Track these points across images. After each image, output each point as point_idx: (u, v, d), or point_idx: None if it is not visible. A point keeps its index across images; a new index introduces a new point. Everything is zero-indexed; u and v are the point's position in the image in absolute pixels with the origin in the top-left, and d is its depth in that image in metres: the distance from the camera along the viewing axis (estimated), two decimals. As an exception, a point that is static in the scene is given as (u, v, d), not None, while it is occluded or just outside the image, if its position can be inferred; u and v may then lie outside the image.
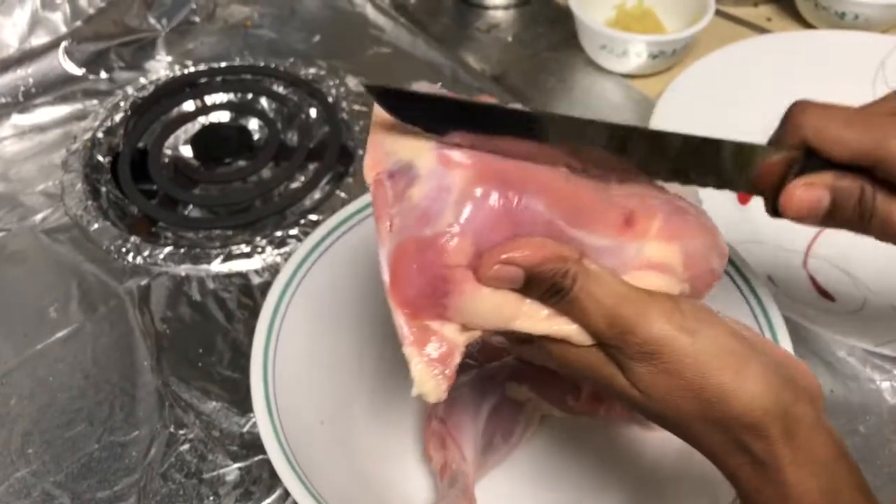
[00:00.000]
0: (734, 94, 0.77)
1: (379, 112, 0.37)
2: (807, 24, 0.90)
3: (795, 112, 0.38)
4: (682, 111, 0.74)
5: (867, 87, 0.78)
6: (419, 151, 0.36)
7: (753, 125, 0.75)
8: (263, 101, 0.84)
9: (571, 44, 0.87)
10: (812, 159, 0.37)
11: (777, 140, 0.39)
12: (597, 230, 0.36)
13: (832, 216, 0.37)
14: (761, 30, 0.90)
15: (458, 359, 0.36)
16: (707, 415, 0.33)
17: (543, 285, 0.34)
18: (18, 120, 0.81)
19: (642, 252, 0.37)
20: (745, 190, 0.39)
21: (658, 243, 0.38)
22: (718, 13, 0.86)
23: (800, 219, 0.38)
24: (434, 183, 0.35)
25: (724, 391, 0.33)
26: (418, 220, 0.35)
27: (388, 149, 0.37)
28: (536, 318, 0.36)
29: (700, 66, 0.78)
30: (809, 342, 0.58)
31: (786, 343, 0.47)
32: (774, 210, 0.38)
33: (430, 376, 0.35)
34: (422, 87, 0.38)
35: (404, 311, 0.35)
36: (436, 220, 0.34)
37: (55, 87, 0.84)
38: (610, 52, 0.82)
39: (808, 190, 0.37)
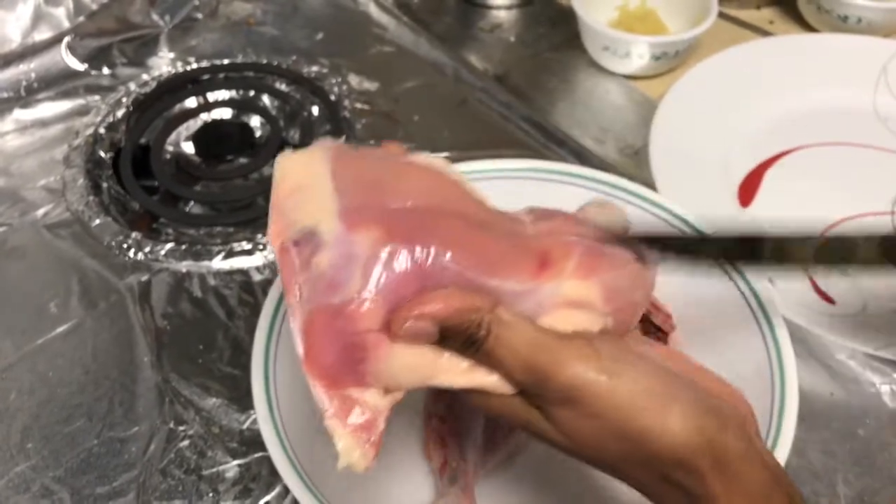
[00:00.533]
0: (736, 96, 0.77)
1: (280, 176, 0.37)
2: (809, 28, 0.90)
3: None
4: (684, 113, 0.74)
5: (869, 91, 0.78)
6: (322, 216, 0.35)
7: (755, 127, 0.76)
8: (265, 99, 0.84)
9: (574, 44, 0.87)
10: None
11: None
12: (510, 276, 0.36)
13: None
14: (764, 32, 0.90)
15: (382, 425, 0.35)
16: (633, 456, 0.33)
17: (458, 338, 0.34)
18: (20, 115, 0.81)
19: (559, 291, 0.37)
20: None
21: (575, 281, 0.37)
22: (721, 15, 0.86)
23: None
24: (340, 249, 0.34)
25: (646, 432, 0.32)
26: (326, 289, 0.34)
27: (290, 217, 0.36)
28: (455, 373, 0.35)
29: (702, 68, 0.78)
30: (810, 345, 0.58)
31: (786, 346, 0.47)
32: None
33: (356, 446, 0.34)
34: (325, 142, 0.39)
35: (322, 382, 0.34)
36: (344, 287, 0.34)
37: (57, 83, 0.84)
38: (612, 53, 0.82)
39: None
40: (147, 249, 0.67)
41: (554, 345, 0.33)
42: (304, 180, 0.36)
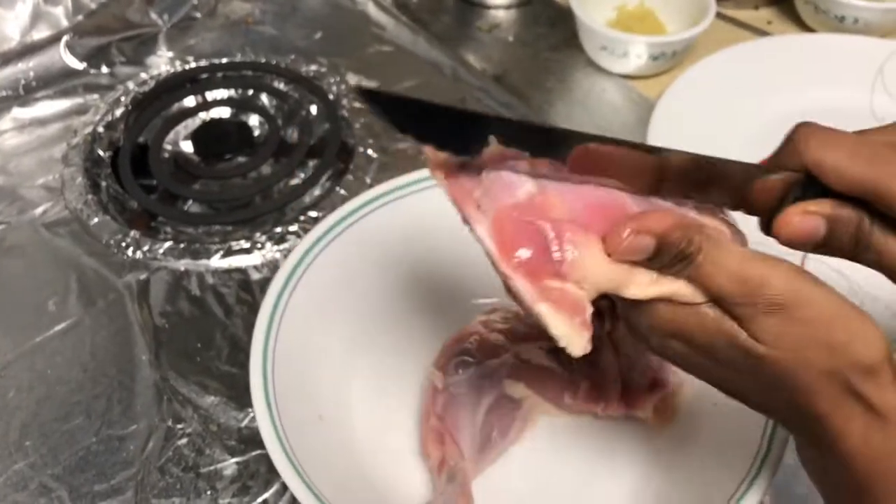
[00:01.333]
0: (734, 96, 0.77)
1: None
2: (806, 28, 0.90)
3: (798, 136, 0.38)
4: (681, 113, 0.74)
5: (866, 91, 0.78)
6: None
7: (753, 127, 0.76)
8: (264, 98, 0.84)
9: (572, 44, 0.88)
10: (812, 184, 0.37)
11: (777, 160, 0.39)
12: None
13: (825, 244, 0.38)
14: (761, 32, 0.90)
15: (589, 309, 0.35)
16: (832, 363, 0.34)
17: (670, 252, 0.35)
18: (19, 113, 0.81)
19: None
20: (739, 208, 0.39)
21: None
22: (719, 15, 0.86)
23: (793, 245, 0.38)
24: (503, 163, 0.36)
25: (851, 335, 0.34)
26: (505, 191, 0.35)
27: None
28: (645, 284, 0.36)
29: (700, 68, 0.78)
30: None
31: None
32: (767, 229, 0.39)
33: (569, 326, 0.35)
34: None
35: (523, 274, 0.35)
36: (522, 186, 0.35)
37: (56, 81, 0.84)
38: (610, 53, 0.82)
39: (806, 218, 0.37)
40: (145, 248, 0.67)
41: (765, 258, 0.35)
42: None
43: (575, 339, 0.35)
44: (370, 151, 0.76)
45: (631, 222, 0.35)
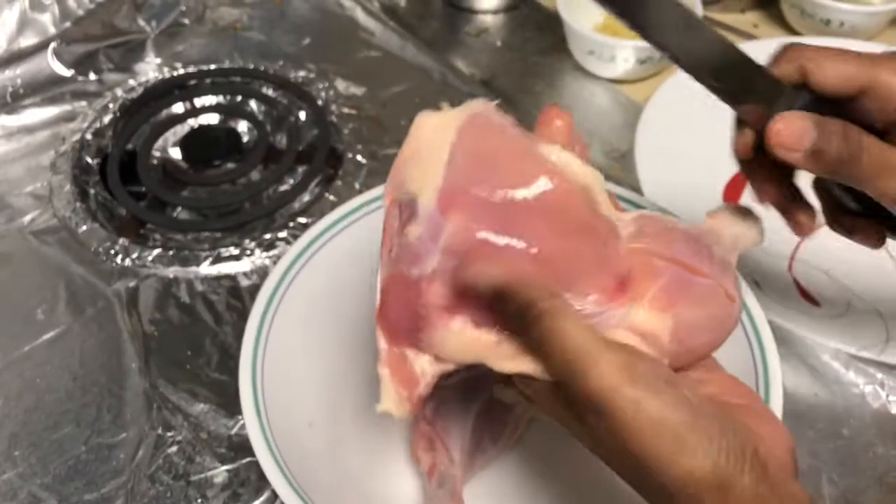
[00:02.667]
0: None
1: (411, 134, 0.39)
2: (793, 31, 0.91)
3: (791, 48, 0.40)
4: (669, 116, 0.74)
5: (852, 94, 0.79)
6: (425, 188, 0.37)
7: (740, 131, 0.76)
8: (253, 104, 0.84)
9: (560, 49, 0.88)
10: (799, 97, 0.39)
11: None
12: (585, 292, 0.36)
13: (818, 154, 0.38)
14: (748, 36, 0.91)
15: (423, 389, 0.38)
16: (646, 481, 0.33)
17: (512, 305, 0.34)
18: (6, 121, 0.81)
19: (628, 317, 0.37)
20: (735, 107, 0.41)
21: (648, 312, 0.37)
22: (705, 19, 0.86)
23: (785, 150, 0.38)
24: (428, 226, 0.36)
25: (658, 461, 0.31)
26: (409, 260, 0.37)
27: (403, 177, 0.38)
28: (503, 358, 0.36)
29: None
30: (794, 346, 0.59)
31: (771, 347, 0.48)
32: (760, 147, 0.40)
33: (396, 396, 0.37)
34: (474, 104, 0.39)
35: (386, 334, 0.38)
36: (423, 263, 0.36)
37: (43, 89, 0.83)
38: (598, 58, 0.82)
39: (794, 121, 0.38)
40: (134, 255, 0.67)
41: (597, 348, 0.33)
42: (426, 145, 0.38)
43: (392, 408, 0.38)
44: (359, 157, 0.76)
45: (489, 256, 0.35)
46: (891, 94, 0.38)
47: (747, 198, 0.71)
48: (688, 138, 0.73)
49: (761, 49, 0.81)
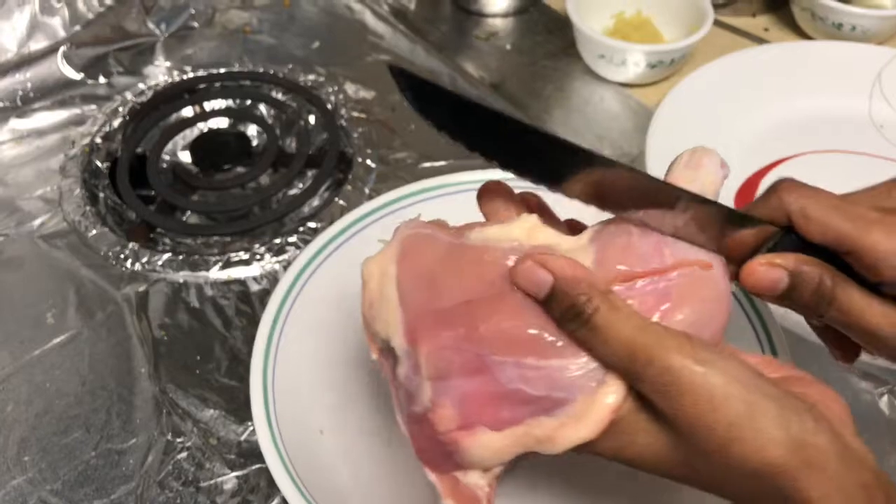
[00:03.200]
0: (732, 104, 0.77)
1: (363, 285, 0.40)
2: (804, 35, 0.90)
3: (783, 188, 0.39)
4: (679, 121, 0.74)
5: (864, 98, 0.79)
6: (392, 331, 0.38)
7: (751, 135, 0.76)
8: (262, 108, 0.84)
9: (570, 52, 0.88)
10: (786, 238, 0.39)
11: (755, 208, 0.40)
12: (571, 355, 0.36)
13: (788, 297, 0.38)
14: (759, 40, 0.90)
15: (486, 498, 0.38)
16: (725, 457, 0.33)
17: (565, 303, 0.35)
18: (16, 124, 0.81)
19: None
20: (714, 249, 0.39)
21: None
22: (716, 23, 0.86)
23: (756, 294, 0.39)
24: (408, 363, 0.38)
25: (734, 429, 0.32)
26: (408, 398, 0.38)
27: (373, 328, 0.40)
28: (543, 441, 0.36)
29: (698, 76, 0.78)
30: (806, 354, 0.58)
31: (784, 355, 0.47)
32: (736, 276, 0.40)
33: None
34: (403, 229, 0.41)
35: (431, 468, 0.39)
36: (418, 398, 0.38)
37: (53, 92, 0.84)
38: (608, 62, 0.82)
39: (770, 269, 0.38)
40: (144, 260, 0.67)
41: (657, 331, 0.34)
42: (377, 292, 0.40)
43: None
44: (369, 161, 0.76)
45: (539, 255, 0.36)
46: (879, 261, 0.37)
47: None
48: (699, 143, 0.72)
49: (772, 53, 0.82)
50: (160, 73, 0.87)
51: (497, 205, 0.41)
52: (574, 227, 0.42)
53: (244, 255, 0.67)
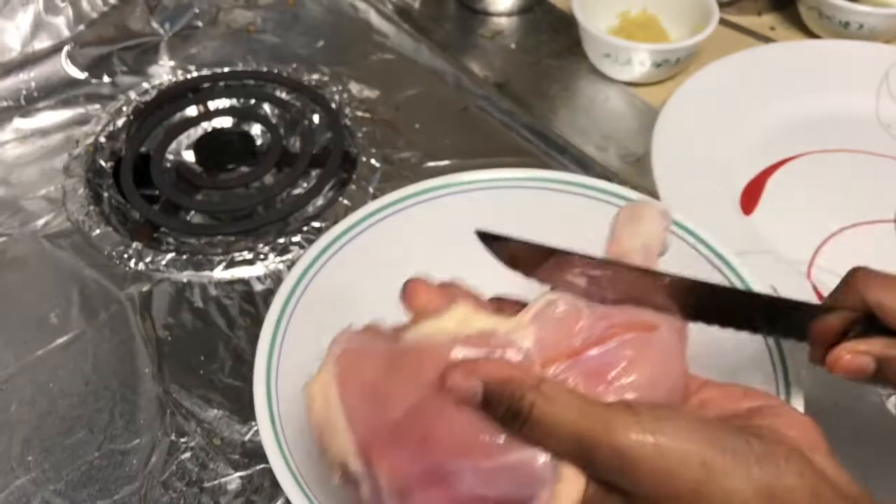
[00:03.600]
0: (738, 102, 0.77)
1: (307, 413, 0.38)
2: (810, 34, 0.90)
3: (857, 278, 0.40)
4: (685, 120, 0.73)
5: (871, 97, 0.78)
6: (346, 455, 0.36)
7: (757, 134, 0.76)
8: (266, 107, 0.84)
9: (575, 51, 0.87)
10: (873, 322, 0.40)
11: (836, 299, 0.42)
12: (524, 451, 0.35)
13: (878, 379, 0.40)
14: (765, 39, 0.90)
15: None
16: None
17: (501, 405, 0.34)
18: (20, 124, 0.81)
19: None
20: (800, 340, 0.41)
21: None
22: (722, 22, 0.86)
23: (847, 376, 0.40)
24: (369, 484, 0.36)
25: (700, 492, 0.31)
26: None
27: (328, 455, 0.38)
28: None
29: (704, 75, 0.78)
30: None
31: (789, 357, 0.47)
32: (822, 361, 0.41)
33: None
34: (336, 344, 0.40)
35: None
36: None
37: (57, 91, 0.83)
38: (613, 61, 0.82)
39: (855, 357, 0.39)
40: (148, 259, 0.67)
41: (598, 412, 0.33)
42: (323, 417, 0.37)
43: None
44: (373, 161, 0.75)
45: (464, 364, 0.35)
46: None
47: (764, 202, 0.70)
48: (705, 142, 0.73)
49: (778, 52, 0.81)
50: (164, 72, 0.87)
51: (422, 300, 0.40)
52: (502, 306, 0.42)
53: (248, 255, 0.67)
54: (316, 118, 0.81)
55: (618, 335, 0.37)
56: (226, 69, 0.87)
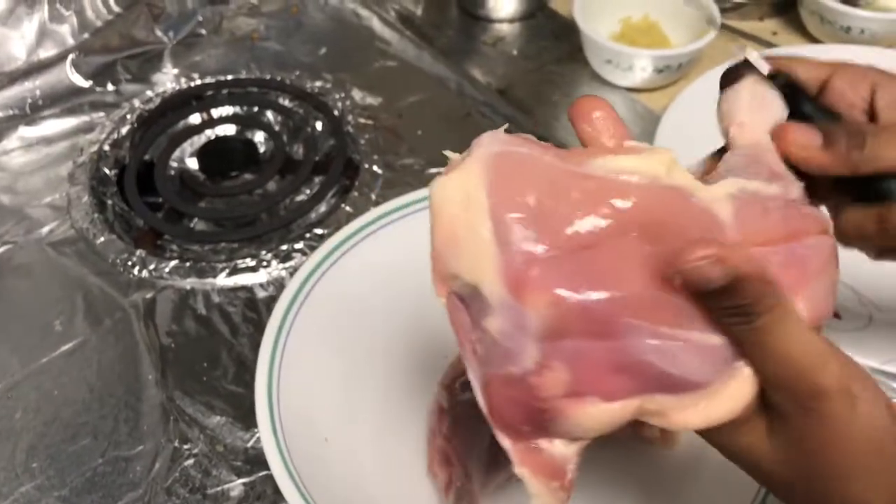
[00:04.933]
0: (740, 108, 0.76)
1: (435, 214, 0.32)
2: (812, 39, 0.90)
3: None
4: (687, 125, 0.73)
5: (873, 102, 0.78)
6: (483, 275, 0.31)
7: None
8: (269, 114, 0.84)
9: (577, 57, 0.87)
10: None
11: None
12: (707, 332, 0.32)
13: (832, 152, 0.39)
14: (767, 44, 0.90)
15: (571, 473, 0.34)
16: (833, 491, 0.33)
17: (736, 299, 0.30)
18: (25, 132, 0.81)
19: None
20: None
21: None
22: (724, 27, 0.86)
23: (799, 149, 0.39)
24: (508, 317, 0.31)
25: (856, 471, 0.32)
26: (502, 358, 0.31)
27: (451, 267, 0.32)
28: (654, 415, 0.33)
29: (705, 81, 0.77)
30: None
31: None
32: None
33: (546, 489, 0.34)
34: (486, 142, 0.32)
35: (508, 435, 0.33)
36: (519, 358, 0.31)
37: (62, 100, 0.84)
38: (615, 67, 0.82)
39: (800, 127, 0.39)
40: (151, 266, 0.67)
41: (821, 352, 0.32)
42: (459, 224, 0.31)
43: (550, 502, 0.34)
44: (375, 168, 0.76)
45: (714, 246, 0.29)
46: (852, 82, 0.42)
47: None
48: (706, 147, 0.72)
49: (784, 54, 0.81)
50: (168, 80, 0.87)
51: (599, 126, 0.35)
52: None
53: (251, 262, 0.67)
54: (319, 125, 0.82)
55: (806, 236, 0.34)
56: (229, 77, 0.87)
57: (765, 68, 0.41)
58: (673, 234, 0.31)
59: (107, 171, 0.77)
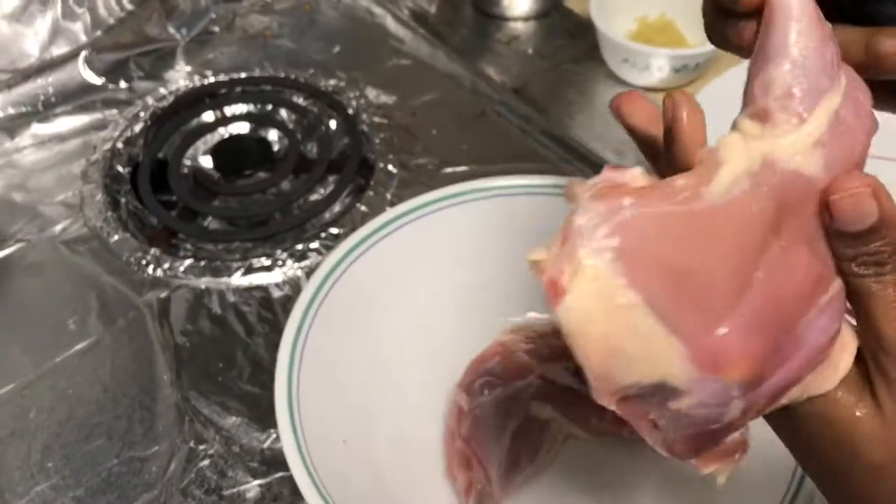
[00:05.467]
0: (758, 108, 0.76)
1: (576, 336, 0.28)
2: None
3: None
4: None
5: None
6: (666, 369, 0.28)
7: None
8: (283, 113, 0.84)
9: (593, 56, 0.87)
10: None
11: None
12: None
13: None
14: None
15: (744, 434, 0.33)
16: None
17: (878, 242, 0.29)
18: (38, 129, 0.81)
19: None
20: None
21: None
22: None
23: None
24: (704, 394, 0.29)
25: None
26: (699, 422, 0.30)
27: (623, 381, 0.29)
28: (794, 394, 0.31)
29: (723, 81, 0.77)
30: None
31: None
32: None
33: (733, 466, 0.34)
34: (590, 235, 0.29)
35: (689, 458, 0.33)
36: (722, 417, 0.30)
37: (75, 97, 0.83)
38: (632, 66, 0.81)
39: None
40: (166, 265, 0.67)
41: None
42: (615, 335, 0.28)
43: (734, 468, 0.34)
44: (390, 167, 0.75)
45: (870, 180, 0.28)
46: None
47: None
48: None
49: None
50: (181, 77, 0.87)
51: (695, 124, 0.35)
52: None
53: (266, 262, 0.67)
54: (333, 124, 0.81)
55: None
56: (242, 74, 0.87)
57: None
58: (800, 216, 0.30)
59: (120, 168, 0.77)
